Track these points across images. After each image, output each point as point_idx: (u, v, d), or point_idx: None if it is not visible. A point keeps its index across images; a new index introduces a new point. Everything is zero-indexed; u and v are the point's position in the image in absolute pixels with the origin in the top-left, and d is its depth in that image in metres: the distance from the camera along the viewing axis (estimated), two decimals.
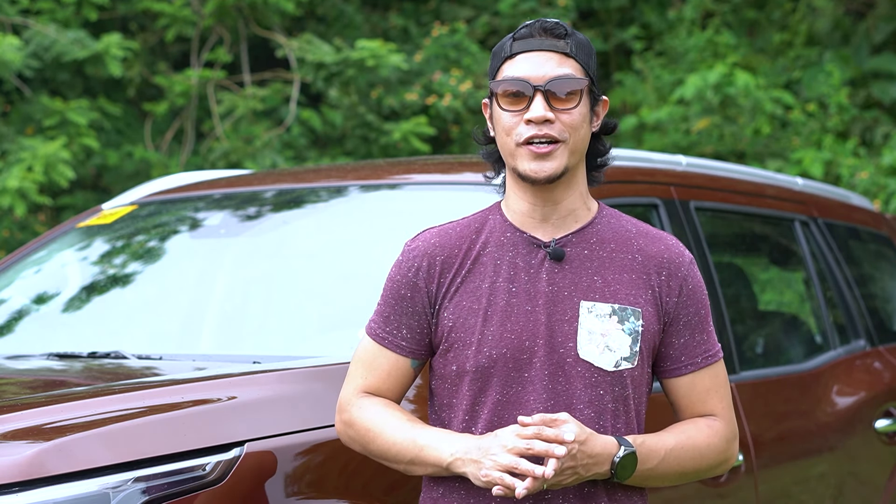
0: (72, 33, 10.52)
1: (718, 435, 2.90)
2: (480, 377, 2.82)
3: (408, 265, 2.89)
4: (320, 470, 3.11)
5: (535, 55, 2.83)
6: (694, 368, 2.88)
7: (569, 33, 2.84)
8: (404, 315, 2.88)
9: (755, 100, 11.94)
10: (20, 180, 9.63)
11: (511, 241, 2.87)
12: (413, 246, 2.91)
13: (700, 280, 2.90)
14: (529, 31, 2.84)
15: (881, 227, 5.90)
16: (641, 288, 2.84)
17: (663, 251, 2.88)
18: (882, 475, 4.90)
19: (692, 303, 2.87)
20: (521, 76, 2.81)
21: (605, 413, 2.80)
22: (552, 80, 2.80)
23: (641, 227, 2.92)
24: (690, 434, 2.87)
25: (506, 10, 13.11)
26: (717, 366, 2.92)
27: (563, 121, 2.80)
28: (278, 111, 11.94)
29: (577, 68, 2.83)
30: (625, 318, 2.81)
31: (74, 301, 4.36)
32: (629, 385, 2.82)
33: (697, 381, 2.89)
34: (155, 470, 2.86)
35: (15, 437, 2.86)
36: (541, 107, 2.80)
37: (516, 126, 2.81)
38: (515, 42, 2.85)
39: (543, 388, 2.79)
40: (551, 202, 2.85)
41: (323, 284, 4.11)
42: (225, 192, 4.48)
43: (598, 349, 2.80)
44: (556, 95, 2.80)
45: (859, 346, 5.13)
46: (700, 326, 2.89)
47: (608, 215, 2.91)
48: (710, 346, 2.91)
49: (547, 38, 2.83)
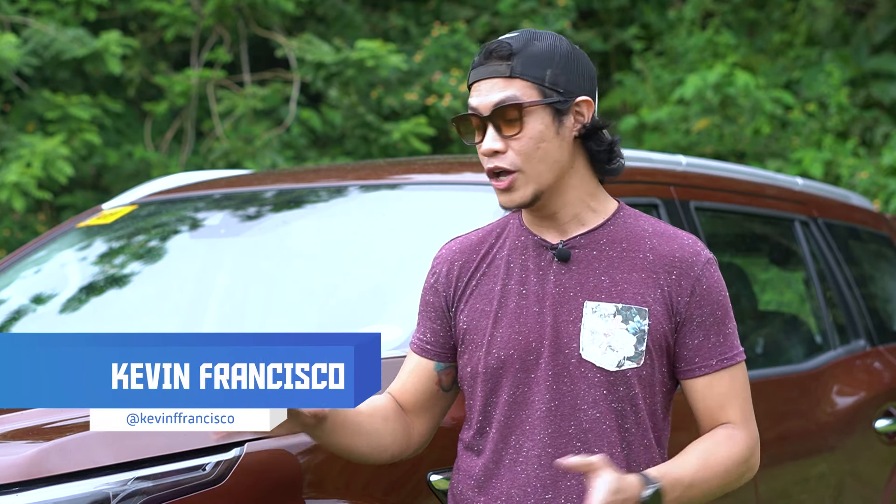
0: (71, 31, 10.52)
1: (739, 445, 2.84)
2: (491, 378, 2.83)
3: (431, 272, 2.95)
4: (320, 470, 3.11)
5: (483, 83, 2.78)
6: (708, 371, 2.83)
7: (514, 52, 2.76)
8: (428, 319, 2.93)
9: (755, 100, 11.94)
10: (18, 175, 9.64)
11: (524, 243, 2.88)
12: (438, 254, 2.97)
13: (717, 281, 2.85)
14: (480, 57, 2.80)
15: (881, 227, 5.90)
16: (650, 287, 2.80)
17: (676, 250, 2.83)
18: (882, 475, 4.90)
19: (706, 303, 2.82)
20: (473, 107, 2.79)
21: (609, 413, 2.79)
22: (495, 109, 2.76)
23: (660, 227, 2.88)
24: (712, 451, 2.81)
25: (506, 10, 13.11)
26: (735, 369, 2.85)
27: (514, 149, 2.77)
28: (278, 111, 11.95)
29: (523, 88, 2.76)
30: (629, 317, 2.79)
31: (74, 301, 4.36)
32: (636, 385, 2.79)
33: (714, 384, 2.84)
34: (155, 470, 2.86)
35: (15, 437, 2.86)
36: (490, 139, 2.77)
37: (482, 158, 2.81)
38: (472, 71, 2.81)
39: (548, 388, 2.79)
40: (549, 214, 2.85)
41: (323, 284, 4.11)
42: (225, 192, 4.48)
43: (601, 349, 2.78)
44: (504, 123, 2.76)
45: (859, 346, 5.13)
46: (716, 328, 2.83)
47: (625, 216, 2.88)
48: (728, 349, 2.85)
49: (491, 63, 2.77)
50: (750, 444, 2.86)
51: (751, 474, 2.90)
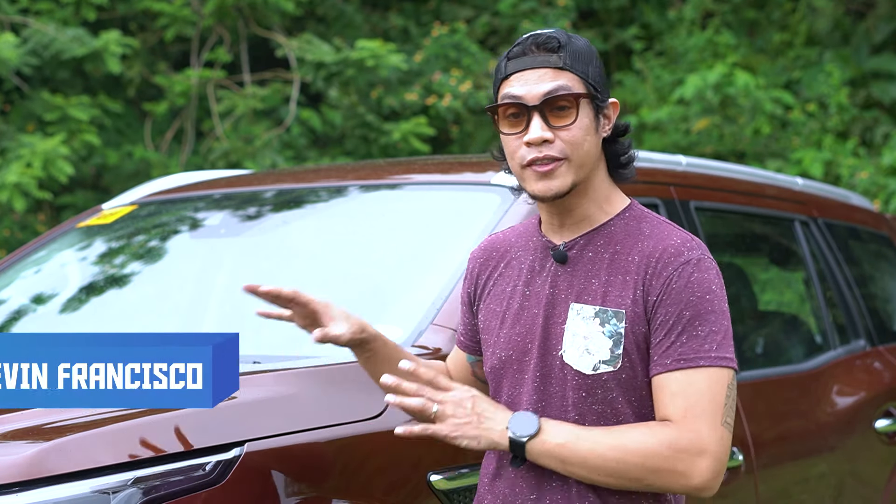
0: (71, 31, 10.52)
1: (658, 438, 2.68)
2: (495, 377, 2.87)
3: (465, 270, 3.01)
4: (320, 470, 3.11)
5: (529, 73, 2.77)
6: (662, 370, 2.72)
7: (562, 45, 2.77)
8: (463, 314, 3.01)
9: (755, 100, 11.94)
10: (19, 175, 9.64)
11: (534, 245, 2.89)
12: (472, 251, 3.02)
13: (695, 282, 2.74)
14: (522, 48, 2.79)
15: (881, 227, 5.90)
16: (630, 289, 2.77)
17: (659, 250, 2.77)
18: (882, 475, 4.90)
19: (674, 302, 2.73)
20: (516, 96, 2.77)
21: (590, 415, 2.76)
22: (546, 98, 2.75)
23: (658, 229, 2.83)
24: (623, 430, 2.71)
25: (506, 10, 13.11)
26: (694, 373, 2.70)
27: (562, 138, 2.76)
28: (278, 111, 11.95)
29: (573, 80, 2.77)
30: (606, 320, 2.76)
31: (74, 301, 4.36)
32: (614, 389, 2.75)
33: (665, 384, 2.71)
34: (154, 470, 2.86)
35: (15, 437, 2.86)
36: (538, 128, 2.75)
37: (518, 149, 2.78)
38: (510, 62, 2.80)
39: (535, 389, 2.80)
40: (566, 211, 2.84)
41: (323, 284, 4.11)
42: (225, 192, 4.48)
43: (579, 352, 2.76)
44: (553, 113, 2.76)
45: (859, 346, 5.13)
46: (681, 328, 2.71)
47: (630, 217, 2.85)
48: (691, 351, 2.71)
49: (539, 54, 2.77)
50: (677, 444, 2.67)
51: (679, 480, 2.68)
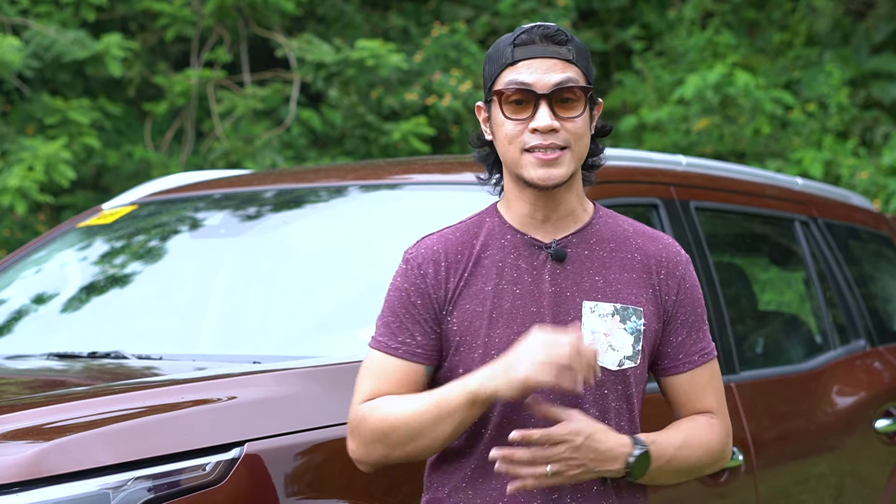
0: (72, 33, 10.52)
1: (718, 433, 2.92)
2: None
3: (414, 273, 2.85)
4: (320, 470, 3.11)
5: (538, 62, 2.80)
6: (691, 366, 2.91)
7: (569, 39, 2.83)
8: (416, 323, 2.83)
9: (755, 100, 11.94)
10: (21, 179, 9.64)
11: (512, 243, 2.87)
12: (417, 253, 2.87)
13: (696, 279, 2.94)
14: (530, 36, 2.82)
15: (881, 227, 5.90)
16: (642, 287, 2.86)
17: (661, 250, 2.90)
18: (882, 475, 4.90)
19: (689, 301, 2.90)
20: (526, 83, 2.80)
21: (609, 412, 2.82)
22: (557, 88, 2.79)
23: (638, 226, 2.94)
24: (694, 432, 2.90)
25: (506, 10, 13.11)
26: (712, 364, 2.95)
27: (567, 129, 2.80)
28: (278, 111, 11.95)
29: (579, 74, 2.82)
30: (626, 317, 2.83)
31: (74, 301, 4.36)
32: (632, 384, 2.84)
33: (695, 379, 2.92)
34: (155, 470, 2.87)
35: (15, 437, 2.87)
36: (547, 116, 2.78)
37: (520, 134, 2.80)
38: (517, 48, 2.81)
39: (550, 387, 2.79)
40: (552, 204, 2.85)
41: (323, 284, 4.11)
42: (225, 192, 4.48)
43: (602, 349, 2.81)
44: (561, 103, 2.80)
45: (859, 346, 5.13)
46: (696, 325, 2.91)
47: (605, 215, 2.92)
48: (706, 345, 2.93)
49: (549, 45, 2.81)
50: (726, 432, 2.95)
51: (723, 462, 2.98)
